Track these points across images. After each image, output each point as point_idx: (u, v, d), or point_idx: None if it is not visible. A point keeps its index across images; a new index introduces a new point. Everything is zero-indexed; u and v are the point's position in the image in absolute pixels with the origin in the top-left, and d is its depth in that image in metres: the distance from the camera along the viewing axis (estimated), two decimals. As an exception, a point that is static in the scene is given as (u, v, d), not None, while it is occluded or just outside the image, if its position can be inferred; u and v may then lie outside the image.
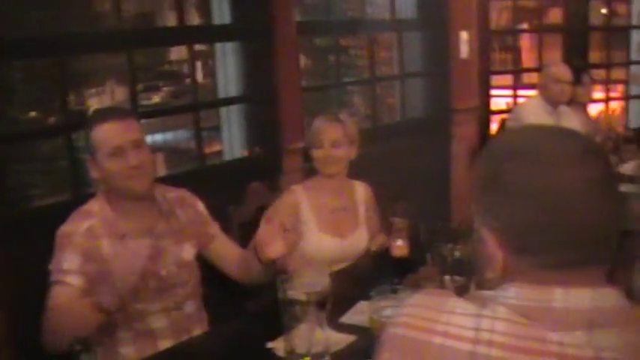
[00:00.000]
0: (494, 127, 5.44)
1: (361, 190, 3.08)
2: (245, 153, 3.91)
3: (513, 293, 1.05)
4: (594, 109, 6.28)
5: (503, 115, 5.26)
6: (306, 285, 1.91)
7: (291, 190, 2.95)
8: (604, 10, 6.68)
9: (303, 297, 1.88)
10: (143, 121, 3.01)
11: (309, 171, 3.05)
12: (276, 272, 2.23)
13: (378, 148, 4.27)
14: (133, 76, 3.34)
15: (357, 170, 3.06)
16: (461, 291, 1.95)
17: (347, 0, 4.78)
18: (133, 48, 3.32)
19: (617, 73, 6.84)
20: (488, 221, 1.09)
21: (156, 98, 5.91)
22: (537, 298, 1.03)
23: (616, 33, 6.93)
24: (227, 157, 3.94)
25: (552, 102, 4.66)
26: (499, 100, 6.28)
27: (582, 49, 6.07)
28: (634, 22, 6.63)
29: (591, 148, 1.06)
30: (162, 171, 4.27)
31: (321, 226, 2.91)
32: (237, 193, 3.17)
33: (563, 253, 1.03)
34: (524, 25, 7.64)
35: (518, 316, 1.01)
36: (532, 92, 5.03)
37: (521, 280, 1.05)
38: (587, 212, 1.02)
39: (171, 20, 4.20)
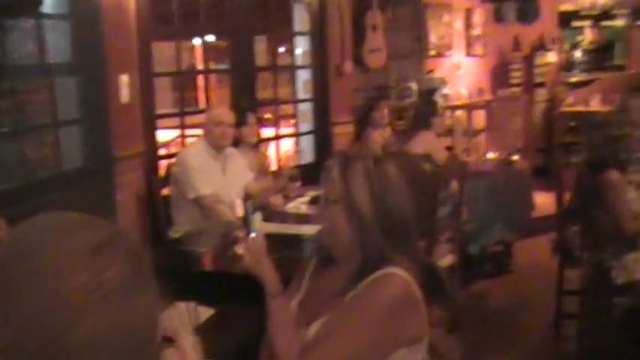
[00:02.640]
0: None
1: None
2: None
3: None
4: (268, 148, 6.40)
5: (171, 160, 5.10)
6: None
7: None
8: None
9: None
10: None
11: None
12: None
13: (29, 206, 3.88)
14: None
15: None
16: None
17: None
18: None
19: (287, 111, 7.08)
20: None
21: None
22: None
23: (283, 72, 7.17)
24: None
25: (215, 145, 4.59)
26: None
27: (250, 88, 6.14)
28: (298, 62, 6.89)
29: (110, 241, 0.87)
30: None
31: None
32: None
33: None
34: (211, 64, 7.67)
35: None
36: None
37: None
38: (99, 327, 0.82)
39: None
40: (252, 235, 2.26)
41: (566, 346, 4.73)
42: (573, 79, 9.83)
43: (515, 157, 6.73)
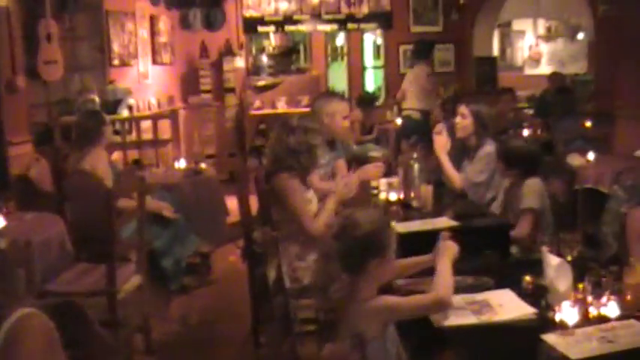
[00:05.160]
0: None
1: None
2: None
3: None
4: None
5: None
6: None
7: None
8: None
9: None
10: None
11: None
12: None
13: None
14: None
15: None
16: None
17: None
18: None
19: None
20: None
21: None
22: None
23: None
24: None
25: None
26: None
27: None
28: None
29: None
30: None
31: None
32: None
33: None
34: None
35: None
36: None
37: None
38: None
39: None
40: None
41: (265, 353, 4.71)
42: (260, 83, 10.07)
43: (204, 166, 6.67)
